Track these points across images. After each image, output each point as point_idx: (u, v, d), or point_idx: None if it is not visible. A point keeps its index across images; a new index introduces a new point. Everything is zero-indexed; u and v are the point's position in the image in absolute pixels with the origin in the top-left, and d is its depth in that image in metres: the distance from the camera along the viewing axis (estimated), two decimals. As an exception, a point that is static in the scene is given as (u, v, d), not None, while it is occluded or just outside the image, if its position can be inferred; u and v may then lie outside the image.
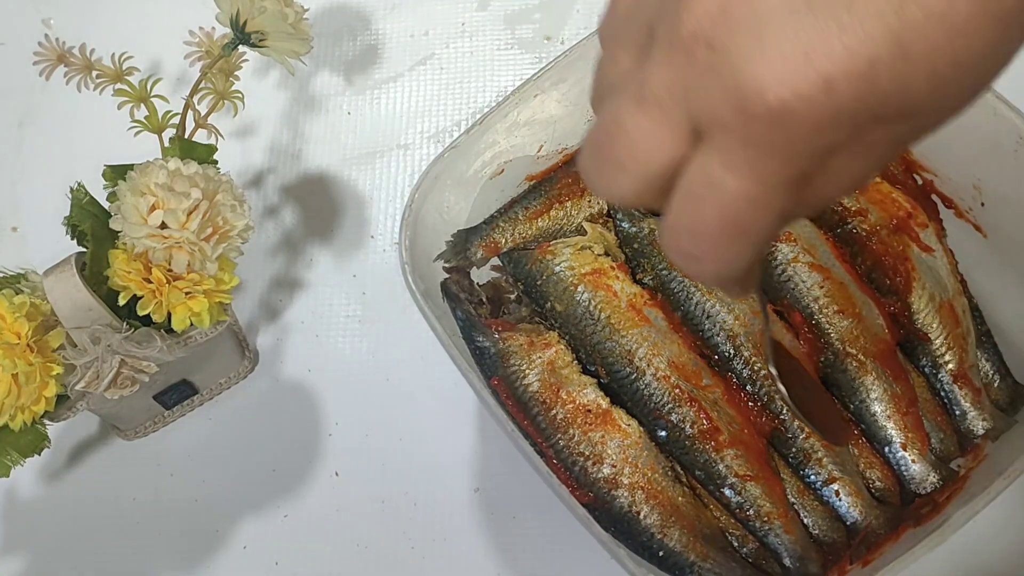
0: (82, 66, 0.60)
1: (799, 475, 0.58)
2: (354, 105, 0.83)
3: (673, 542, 0.55)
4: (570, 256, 0.62)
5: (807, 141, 0.25)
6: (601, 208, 0.66)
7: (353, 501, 0.68)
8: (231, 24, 0.62)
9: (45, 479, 0.71)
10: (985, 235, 0.62)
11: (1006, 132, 0.57)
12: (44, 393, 0.56)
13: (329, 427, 0.71)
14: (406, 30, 0.86)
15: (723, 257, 0.29)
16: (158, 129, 0.63)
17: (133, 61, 0.62)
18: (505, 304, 0.63)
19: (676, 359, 0.58)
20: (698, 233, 0.28)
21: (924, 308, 0.60)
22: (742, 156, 0.26)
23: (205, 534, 0.68)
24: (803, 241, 0.61)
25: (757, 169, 0.26)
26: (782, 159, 0.26)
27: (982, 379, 0.60)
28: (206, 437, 0.71)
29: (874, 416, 0.58)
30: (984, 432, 0.59)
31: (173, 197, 0.55)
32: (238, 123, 0.80)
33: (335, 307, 0.75)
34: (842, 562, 0.56)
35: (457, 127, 0.80)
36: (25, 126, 0.85)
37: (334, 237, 0.77)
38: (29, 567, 0.68)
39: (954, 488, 0.56)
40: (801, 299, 0.60)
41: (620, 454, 0.56)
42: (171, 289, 0.57)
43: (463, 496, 0.67)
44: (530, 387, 0.58)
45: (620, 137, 0.28)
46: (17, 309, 0.55)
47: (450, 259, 0.63)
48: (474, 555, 0.65)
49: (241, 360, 0.72)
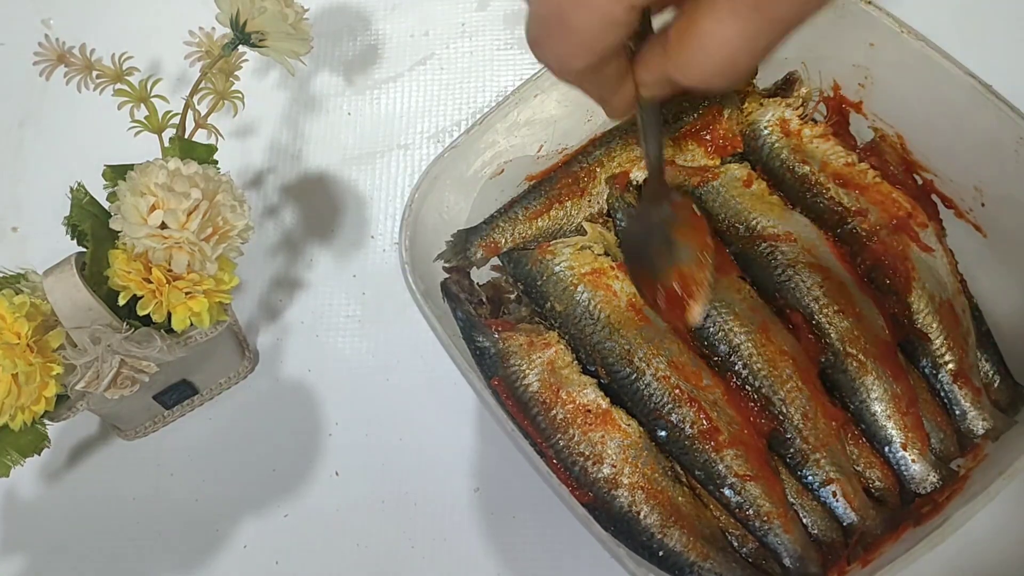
0: (82, 66, 0.60)
1: (796, 476, 0.58)
2: (354, 105, 0.83)
3: (673, 542, 0.55)
4: (570, 256, 0.62)
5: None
6: (601, 208, 0.66)
7: (353, 501, 0.68)
8: (231, 24, 0.62)
9: (45, 479, 0.71)
10: (985, 235, 0.62)
11: (1006, 132, 0.57)
12: (44, 393, 0.56)
13: (329, 427, 0.71)
14: (406, 30, 0.86)
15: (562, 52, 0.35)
16: (158, 129, 0.63)
17: (133, 61, 0.62)
18: (505, 304, 0.63)
19: (676, 359, 0.58)
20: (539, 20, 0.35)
21: (924, 308, 0.60)
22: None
23: (205, 534, 0.68)
24: (803, 241, 0.61)
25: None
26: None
27: (982, 379, 0.60)
28: (206, 437, 0.71)
29: (874, 416, 0.58)
30: (984, 432, 0.59)
31: (173, 197, 0.55)
32: (238, 123, 0.80)
33: (335, 307, 0.75)
34: (840, 562, 0.56)
35: (457, 127, 0.81)
36: (25, 126, 0.85)
37: (334, 237, 0.77)
38: (29, 567, 0.68)
39: (954, 488, 0.56)
40: (801, 299, 0.60)
41: (620, 454, 0.56)
42: (171, 289, 0.57)
43: (463, 496, 0.67)
44: (530, 387, 0.58)
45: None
46: (17, 309, 0.55)
47: (450, 259, 0.63)
48: (474, 555, 0.65)
49: (241, 360, 0.72)
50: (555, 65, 0.37)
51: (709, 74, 0.33)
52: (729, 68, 0.32)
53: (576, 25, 0.33)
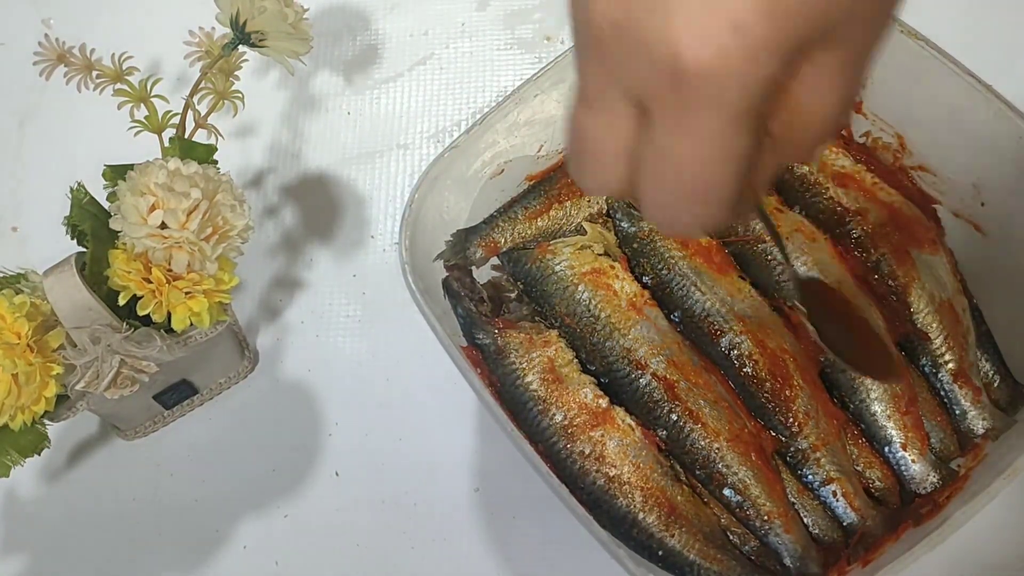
0: (82, 66, 0.60)
1: (797, 475, 0.58)
2: (354, 105, 0.83)
3: (673, 542, 0.55)
4: (570, 255, 0.62)
5: (738, 86, 0.26)
6: (601, 208, 0.66)
7: (353, 501, 0.68)
8: (231, 24, 0.62)
9: (45, 479, 0.71)
10: (985, 234, 0.62)
11: (1006, 132, 0.57)
12: (44, 393, 0.56)
13: (329, 427, 0.71)
14: (406, 30, 0.86)
15: (699, 215, 0.30)
16: (158, 129, 0.63)
17: (133, 61, 0.62)
18: (506, 303, 0.63)
19: (676, 358, 0.58)
20: (667, 202, 0.30)
21: (924, 307, 0.60)
22: (682, 119, 0.27)
23: (205, 534, 0.68)
24: (803, 241, 0.61)
25: (698, 127, 0.27)
26: (719, 110, 0.26)
27: (982, 379, 0.60)
28: (206, 437, 0.71)
29: (874, 416, 0.58)
30: (984, 432, 0.59)
31: (173, 197, 0.55)
32: (238, 123, 0.80)
33: (335, 307, 0.75)
34: (841, 562, 0.56)
35: (457, 127, 0.80)
36: (25, 126, 0.85)
37: (334, 237, 0.77)
38: (29, 567, 0.68)
39: (954, 488, 0.56)
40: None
41: (620, 454, 0.56)
42: (171, 289, 0.57)
43: (463, 496, 0.67)
44: (530, 385, 0.58)
45: (582, 140, 0.30)
46: (17, 309, 0.55)
47: (450, 259, 0.63)
48: (474, 555, 0.65)
49: (241, 360, 0.72)
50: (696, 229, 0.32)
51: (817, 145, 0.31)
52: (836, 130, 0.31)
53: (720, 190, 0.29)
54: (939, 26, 0.62)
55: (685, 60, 0.25)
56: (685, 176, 0.28)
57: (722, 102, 0.26)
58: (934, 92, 0.60)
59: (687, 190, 0.29)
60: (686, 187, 0.29)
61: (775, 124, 0.29)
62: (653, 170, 0.29)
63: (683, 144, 0.27)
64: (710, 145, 0.27)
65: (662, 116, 0.27)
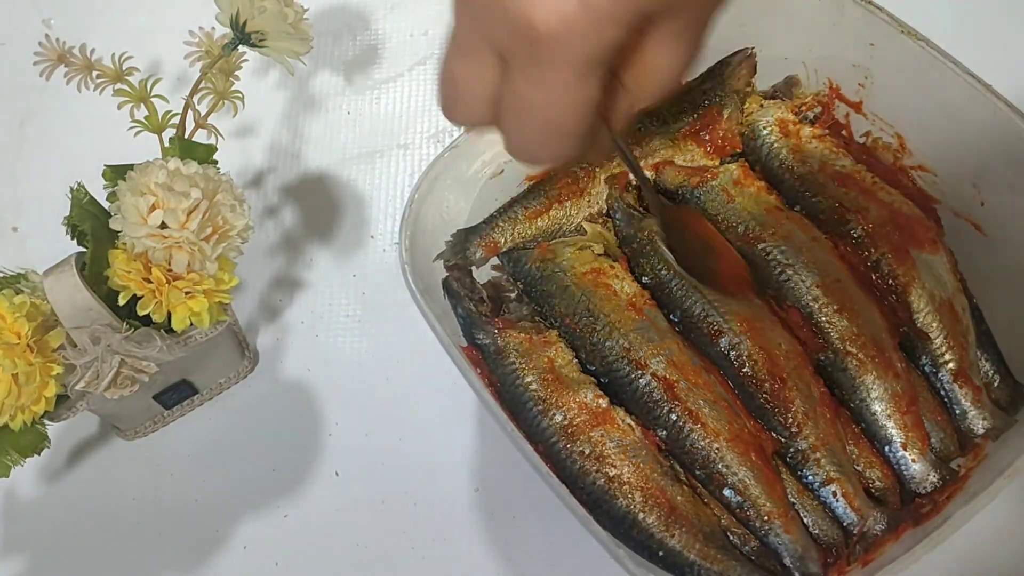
0: (82, 66, 0.60)
1: (797, 475, 0.58)
2: (354, 105, 0.83)
3: (673, 542, 0.55)
4: (570, 255, 0.62)
5: (582, 48, 0.31)
6: (601, 208, 0.66)
7: (353, 501, 0.68)
8: (231, 24, 0.62)
9: (45, 479, 0.71)
10: (985, 234, 0.62)
11: (1006, 132, 0.57)
12: (44, 393, 0.56)
13: (329, 427, 0.71)
14: (406, 30, 0.86)
15: (555, 151, 0.35)
16: (158, 129, 0.63)
17: (133, 61, 0.62)
18: (506, 303, 0.63)
19: (676, 358, 0.58)
20: (525, 140, 0.35)
21: (924, 307, 0.60)
22: (537, 72, 0.32)
23: (205, 534, 0.68)
24: (803, 241, 0.61)
25: (550, 79, 0.32)
26: (566, 66, 0.32)
27: (982, 378, 0.60)
28: (206, 437, 0.71)
29: (874, 415, 0.58)
30: (984, 431, 0.59)
31: (173, 197, 0.55)
32: (238, 123, 0.80)
33: (335, 307, 0.75)
34: (841, 562, 0.56)
35: (457, 127, 0.80)
36: (25, 126, 0.85)
37: (334, 237, 0.77)
38: (29, 567, 0.68)
39: (954, 488, 0.56)
40: (800, 298, 0.60)
41: (620, 454, 0.56)
42: (171, 289, 0.57)
43: (463, 496, 0.67)
44: (529, 385, 0.58)
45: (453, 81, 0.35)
46: (17, 309, 0.55)
47: (450, 259, 0.63)
48: (474, 555, 0.65)
49: (241, 360, 0.72)
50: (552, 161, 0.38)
51: (663, 93, 0.36)
52: (678, 81, 0.36)
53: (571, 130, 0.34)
54: (939, 26, 0.62)
55: (536, 24, 0.30)
56: (539, 118, 0.34)
57: (568, 60, 0.31)
58: (934, 92, 0.60)
59: (541, 129, 0.34)
60: (540, 127, 0.34)
61: (628, 76, 0.35)
62: (513, 112, 0.34)
63: (537, 92, 0.33)
64: (559, 94, 0.33)
65: (519, 68, 0.33)
